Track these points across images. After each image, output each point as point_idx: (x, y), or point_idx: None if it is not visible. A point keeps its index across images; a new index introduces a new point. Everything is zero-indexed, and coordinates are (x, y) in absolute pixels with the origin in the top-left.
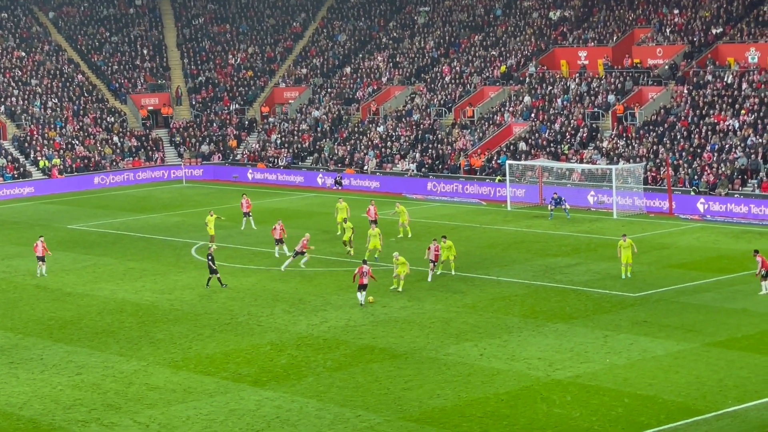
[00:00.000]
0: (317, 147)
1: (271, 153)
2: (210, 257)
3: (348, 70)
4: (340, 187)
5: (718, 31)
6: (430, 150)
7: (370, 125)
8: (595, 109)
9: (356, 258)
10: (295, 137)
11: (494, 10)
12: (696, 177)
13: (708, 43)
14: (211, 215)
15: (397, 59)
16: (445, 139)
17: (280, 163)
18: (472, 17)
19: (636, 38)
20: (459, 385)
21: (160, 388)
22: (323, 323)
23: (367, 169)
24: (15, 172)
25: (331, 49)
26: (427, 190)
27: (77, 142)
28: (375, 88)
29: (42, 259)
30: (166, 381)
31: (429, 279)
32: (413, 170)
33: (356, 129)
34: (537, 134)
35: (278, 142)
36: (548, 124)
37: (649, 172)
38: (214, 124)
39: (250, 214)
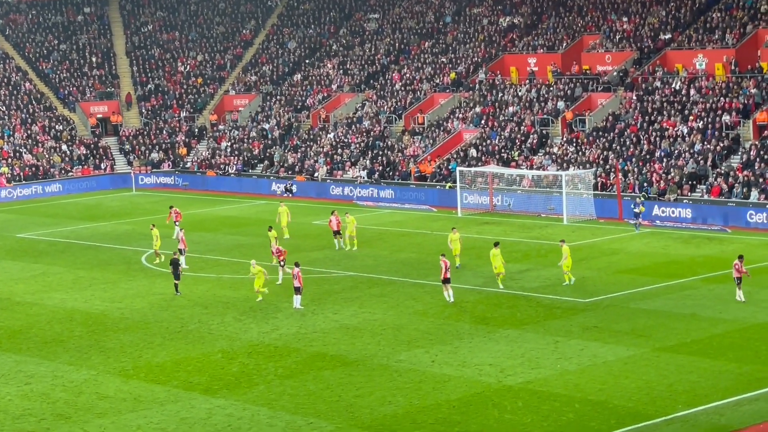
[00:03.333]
0: (267, 154)
1: (221, 161)
2: (173, 263)
3: (298, 77)
4: (290, 195)
5: (667, 37)
6: (380, 157)
7: (321, 132)
8: (545, 116)
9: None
10: (245, 144)
11: (444, 17)
12: (646, 183)
13: (656, 49)
14: (153, 228)
15: (348, 66)
16: (396, 146)
17: (230, 171)
18: (422, 24)
19: (585, 45)
20: (410, 392)
21: (111, 397)
22: (274, 331)
23: (317, 176)
24: None
25: (281, 57)
26: (378, 197)
27: (25, 150)
28: (325, 95)
29: None
30: (116, 390)
31: (449, 299)
32: (363, 177)
33: (307, 136)
34: (487, 141)
35: (228, 149)
36: (498, 130)
37: (599, 178)
38: (164, 132)
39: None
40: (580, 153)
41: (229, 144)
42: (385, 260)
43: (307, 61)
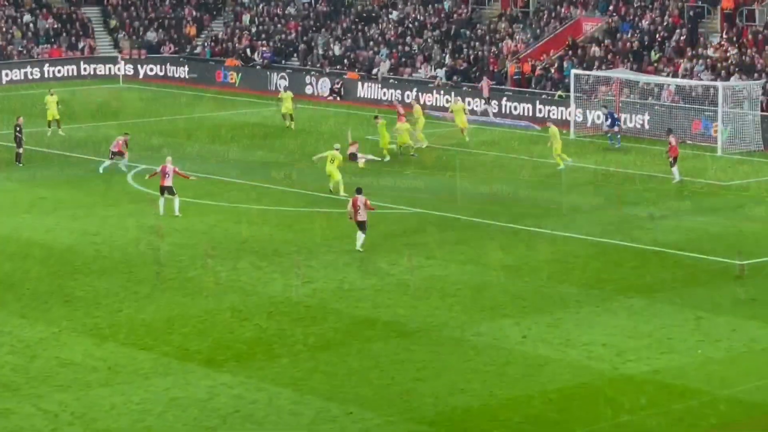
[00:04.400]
0: (306, 39)
1: (243, 45)
2: (18, 129)
3: None
4: (338, 98)
5: None
6: (465, 51)
7: (382, 12)
8: (699, 3)
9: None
10: (278, 25)
11: None
12: None
13: None
14: (52, 94)
15: None
16: (488, 37)
17: (256, 60)
18: None
19: None
20: (491, 378)
21: (77, 364)
22: (306, 284)
23: (377, 74)
24: None
25: None
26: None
27: None
28: None
29: None
30: (84, 355)
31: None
32: (441, 78)
33: (364, 17)
34: (616, 35)
35: (254, 31)
36: (632, 20)
37: None
38: (166, 2)
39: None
40: (745, 57)
41: (255, 23)
42: (465, 194)
43: None
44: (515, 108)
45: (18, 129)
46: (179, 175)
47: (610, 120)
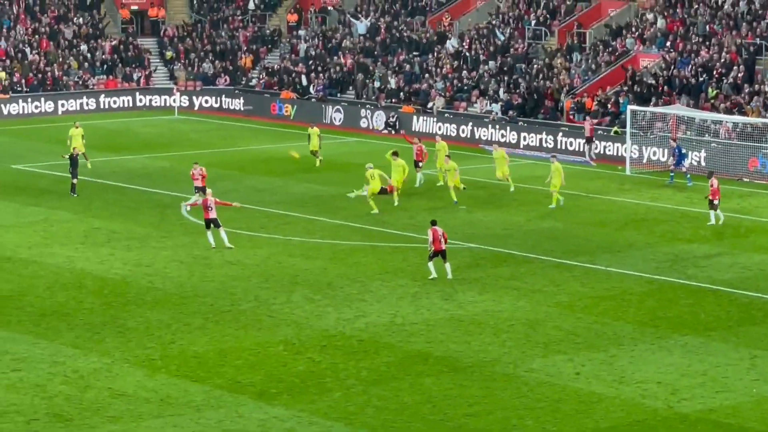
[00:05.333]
0: (363, 73)
1: (298, 78)
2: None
3: None
4: (393, 131)
5: None
6: (521, 85)
7: (440, 46)
8: (757, 40)
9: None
10: (334, 58)
11: None
12: None
13: None
14: (77, 127)
15: None
16: (544, 71)
17: (311, 92)
18: None
19: None
20: (544, 415)
21: (129, 395)
22: (359, 318)
23: (432, 108)
24: None
25: None
26: (515, 141)
27: (31, 50)
28: None
29: None
30: (136, 386)
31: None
32: (496, 113)
33: (420, 51)
34: (673, 70)
35: (310, 63)
36: (690, 56)
37: None
38: (222, 34)
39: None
40: None
41: (310, 56)
42: (519, 230)
43: None
44: (570, 143)
45: (72, 160)
46: (221, 204)
47: (677, 156)
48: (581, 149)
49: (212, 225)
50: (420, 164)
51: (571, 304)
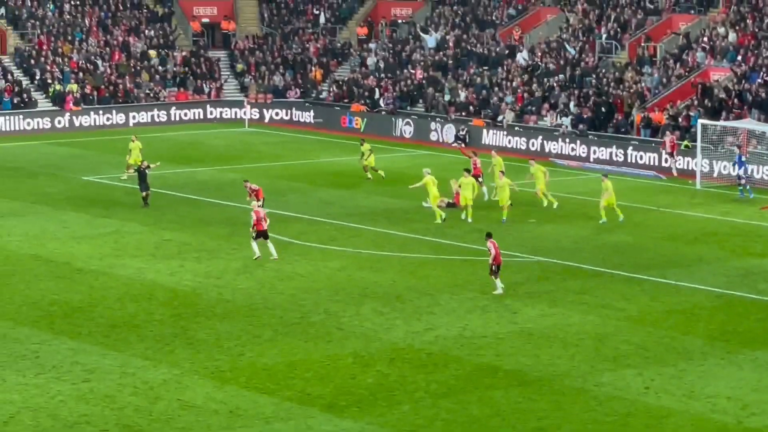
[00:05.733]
0: (433, 86)
1: (368, 91)
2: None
3: None
4: (463, 145)
5: None
6: (591, 99)
7: (509, 60)
8: None
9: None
10: (404, 71)
11: None
12: None
13: None
14: (134, 140)
15: None
16: (614, 85)
17: (381, 105)
18: None
19: None
20: (613, 429)
21: (198, 407)
22: (428, 331)
23: (502, 122)
24: (16, 99)
25: None
26: (585, 154)
27: (102, 62)
28: (520, 8)
29: None
30: (206, 398)
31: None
32: (566, 126)
33: (490, 65)
34: (744, 83)
35: (380, 76)
36: (761, 70)
37: None
38: (293, 47)
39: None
40: None
41: (381, 69)
42: (588, 243)
43: None
44: (641, 157)
45: (143, 172)
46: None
47: (738, 165)
48: (652, 163)
49: (262, 237)
50: (479, 178)
51: (641, 319)
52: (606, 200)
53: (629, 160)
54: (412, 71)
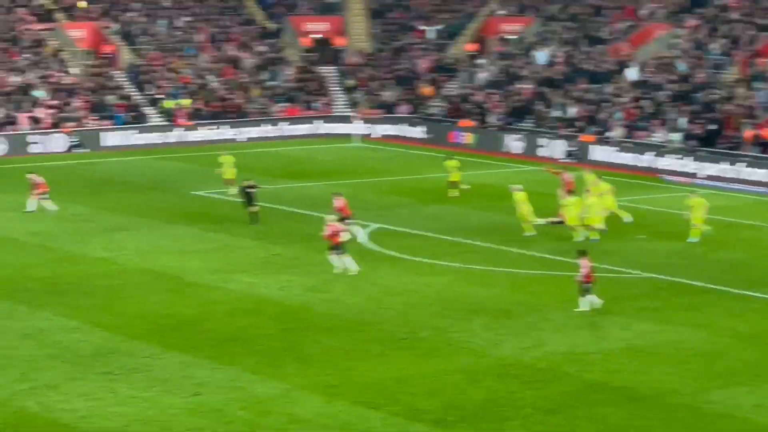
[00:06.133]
0: (543, 102)
1: (479, 101)
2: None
3: None
4: (574, 160)
5: None
6: (702, 115)
7: (619, 75)
8: None
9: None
10: (514, 86)
11: None
12: None
13: None
14: (226, 156)
15: None
16: (725, 101)
17: (491, 121)
18: None
19: None
20: None
21: (308, 421)
22: (537, 347)
23: (611, 137)
24: (128, 114)
25: None
26: (695, 171)
27: (213, 77)
28: (630, 24)
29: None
30: (315, 413)
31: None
32: (676, 142)
33: (599, 80)
34: None
35: (490, 91)
36: None
37: None
38: (403, 63)
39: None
40: None
41: (490, 84)
42: (699, 260)
43: None
44: (753, 174)
45: (249, 189)
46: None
47: None
48: (764, 180)
49: (339, 250)
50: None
51: (752, 336)
52: (695, 218)
53: (740, 177)
54: (522, 87)
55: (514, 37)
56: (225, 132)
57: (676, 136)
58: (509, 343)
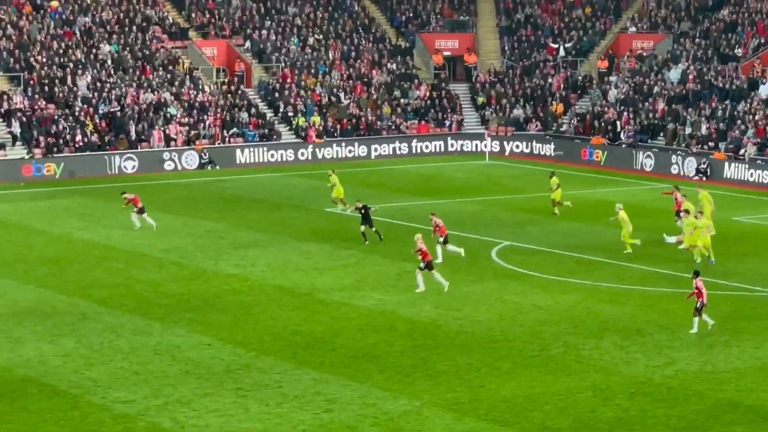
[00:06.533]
0: (675, 119)
1: (610, 119)
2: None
3: (725, 12)
4: (704, 178)
5: None
6: None
7: (752, 93)
8: None
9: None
10: (645, 104)
11: None
12: None
13: None
14: (332, 174)
15: None
16: None
17: (622, 138)
18: None
19: None
20: None
21: None
22: (669, 365)
23: (744, 155)
24: (260, 131)
25: None
26: None
27: (345, 94)
28: (763, 41)
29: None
30: (446, 429)
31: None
32: None
33: (732, 96)
34: None
35: (621, 109)
36: None
37: None
38: (534, 80)
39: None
40: None
41: (620, 102)
42: None
43: None
44: None
45: (363, 209)
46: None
47: None
48: None
49: (428, 268)
50: (680, 213)
51: None
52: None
53: None
54: (653, 104)
55: (646, 54)
56: (356, 149)
57: None
58: (640, 362)
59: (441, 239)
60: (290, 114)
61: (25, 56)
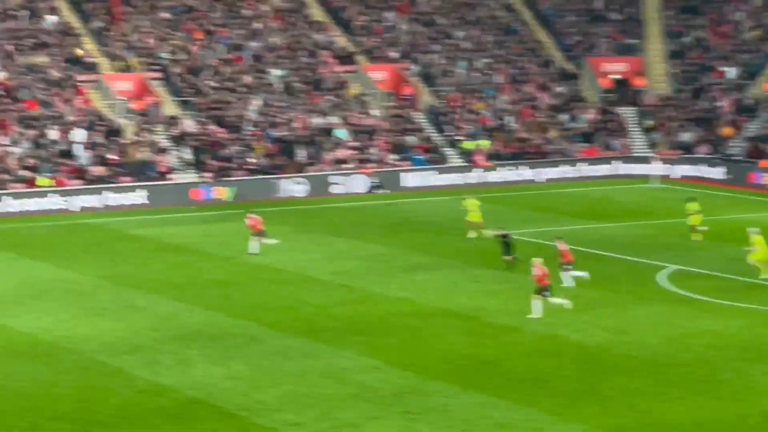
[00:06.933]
0: None
1: None
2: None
3: None
4: None
5: None
6: None
7: None
8: None
9: None
10: None
11: None
12: None
13: None
14: (468, 199)
15: None
16: None
17: None
18: None
19: None
20: None
21: None
22: None
23: None
24: (428, 155)
25: None
26: None
27: (512, 118)
28: None
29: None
30: None
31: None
32: None
33: None
34: None
35: None
36: None
37: None
38: (703, 103)
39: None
40: None
41: None
42: None
43: None
44: None
45: (504, 237)
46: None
47: None
48: None
49: (547, 292)
50: None
51: None
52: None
53: None
54: None
55: None
56: (524, 173)
57: None
58: None
59: (566, 265)
60: (458, 137)
61: (195, 81)
